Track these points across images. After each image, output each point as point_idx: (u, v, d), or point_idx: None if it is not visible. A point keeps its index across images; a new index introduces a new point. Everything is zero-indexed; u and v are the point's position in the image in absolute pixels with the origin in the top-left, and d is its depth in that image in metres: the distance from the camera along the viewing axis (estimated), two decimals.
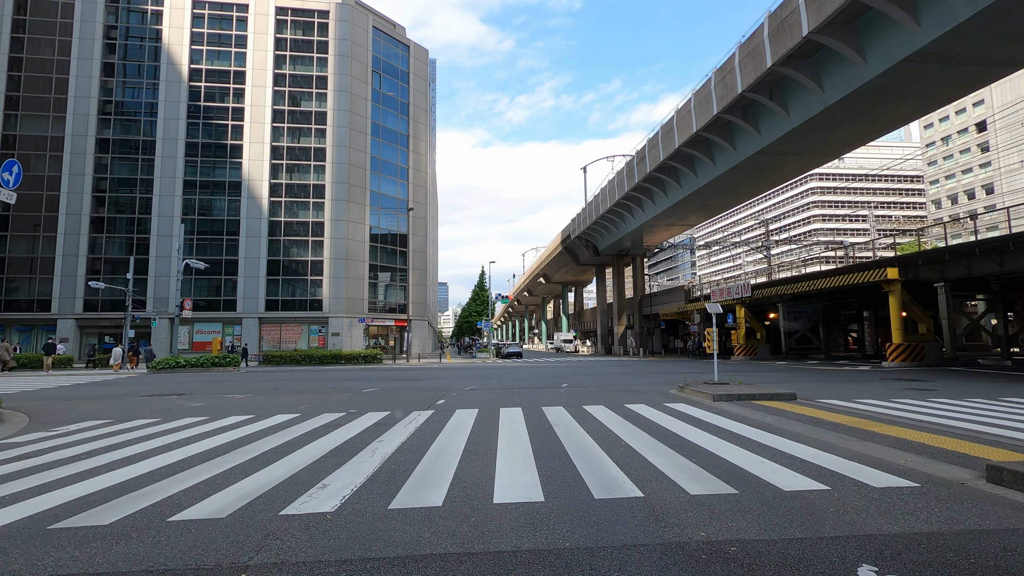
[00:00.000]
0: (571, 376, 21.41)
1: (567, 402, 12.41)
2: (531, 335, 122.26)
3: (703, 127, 29.42)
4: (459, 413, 10.74)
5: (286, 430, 8.88)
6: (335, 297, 45.76)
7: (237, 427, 9.41)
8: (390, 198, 51.31)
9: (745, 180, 33.13)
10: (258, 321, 45.12)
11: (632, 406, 11.49)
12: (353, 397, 14.21)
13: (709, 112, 28.34)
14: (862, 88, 21.31)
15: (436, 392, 15.38)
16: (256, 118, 46.53)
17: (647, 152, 36.91)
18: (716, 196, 36.95)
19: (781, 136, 26.22)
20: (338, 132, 47.08)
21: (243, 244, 45.44)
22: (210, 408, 12.28)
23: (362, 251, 47.80)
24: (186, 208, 45.40)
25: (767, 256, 62.01)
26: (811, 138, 26.49)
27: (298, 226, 46.60)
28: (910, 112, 24.01)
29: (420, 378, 21.87)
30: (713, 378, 15.06)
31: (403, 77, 53.73)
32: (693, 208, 40.42)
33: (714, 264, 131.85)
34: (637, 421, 9.42)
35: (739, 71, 25.29)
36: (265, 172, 46.17)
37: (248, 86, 46.76)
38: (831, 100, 22.60)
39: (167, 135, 45.35)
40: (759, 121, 27.26)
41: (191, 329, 44.65)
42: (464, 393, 14.99)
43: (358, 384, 18.79)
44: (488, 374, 23.87)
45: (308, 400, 13.58)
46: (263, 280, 45.44)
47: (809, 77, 22.69)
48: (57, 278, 43.07)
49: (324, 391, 16.17)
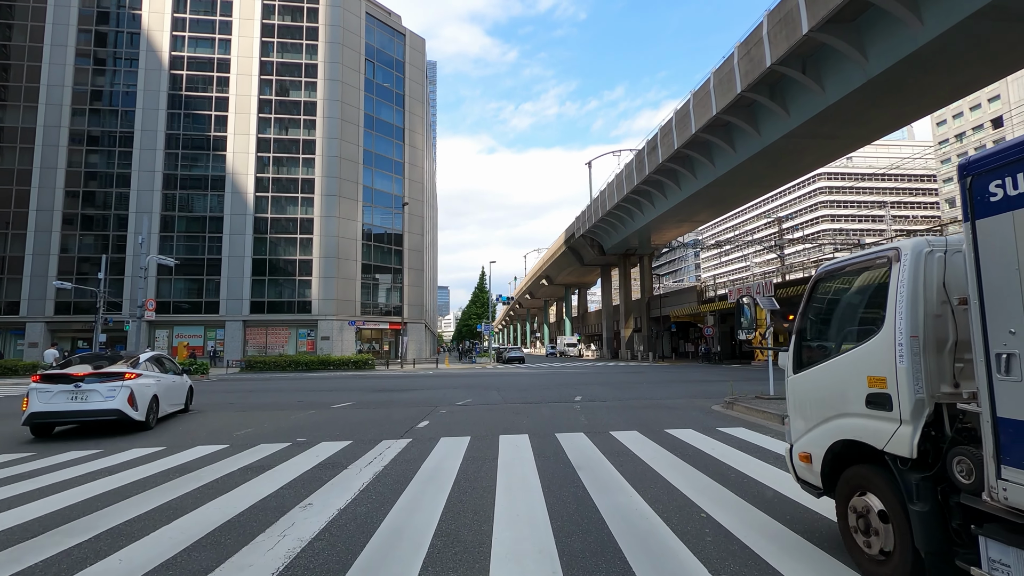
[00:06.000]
0: (583, 386, 18.56)
1: (588, 425, 9.57)
2: (533, 338, 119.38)
3: (723, 109, 26.64)
4: (443, 445, 7.90)
5: (181, 479, 6.04)
6: (325, 298, 42.92)
7: (118, 472, 6.57)
8: (384, 194, 48.50)
9: (767, 170, 30.37)
10: (242, 324, 42.26)
11: (676, 432, 8.65)
12: (316, 417, 11.37)
13: (731, 92, 25.57)
14: (913, 55, 18.54)
15: (421, 409, 12.54)
16: (241, 108, 43.77)
17: (659, 141, 34.14)
18: (734, 189, 34.16)
19: (813, 116, 23.46)
20: (329, 123, 44.32)
21: (227, 242, 42.63)
22: (114, 437, 9.45)
23: (354, 249, 44.97)
24: (166, 204, 42.60)
25: (780, 256, 59.15)
26: (847, 118, 23.72)
27: (286, 223, 43.79)
28: (964, 84, 21.24)
29: (409, 388, 19.03)
30: (768, 391, 12.19)
31: (398, 67, 51.02)
32: (706, 203, 37.65)
33: (719, 267, 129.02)
34: (696, 460, 6.58)
35: (768, 42, 22.51)
36: (251, 165, 43.40)
37: (233, 75, 44.02)
38: (875, 71, 19.83)
39: (146, 126, 42.58)
40: (788, 100, 24.50)
41: (170, 333, 41.82)
42: (455, 410, 12.15)
43: (333, 397, 15.94)
44: (487, 383, 21.04)
45: (257, 421, 10.74)
46: (248, 280, 42.61)
47: (851, 44, 19.90)
48: (26, 279, 40.25)
49: (286, 407, 13.33)
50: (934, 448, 3.04)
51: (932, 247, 3.19)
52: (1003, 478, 2.50)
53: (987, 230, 2.58)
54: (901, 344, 3.08)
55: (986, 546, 2.62)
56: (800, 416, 4.03)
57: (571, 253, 60.63)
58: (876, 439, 3.23)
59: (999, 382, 2.50)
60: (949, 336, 3.06)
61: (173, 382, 11.32)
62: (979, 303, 2.61)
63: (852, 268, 3.76)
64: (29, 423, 8.93)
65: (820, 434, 3.72)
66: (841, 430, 3.52)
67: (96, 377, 9.16)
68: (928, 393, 3.02)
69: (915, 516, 2.94)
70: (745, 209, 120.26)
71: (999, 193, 2.53)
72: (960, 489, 2.82)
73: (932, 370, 3.04)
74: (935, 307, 3.10)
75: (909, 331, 3.06)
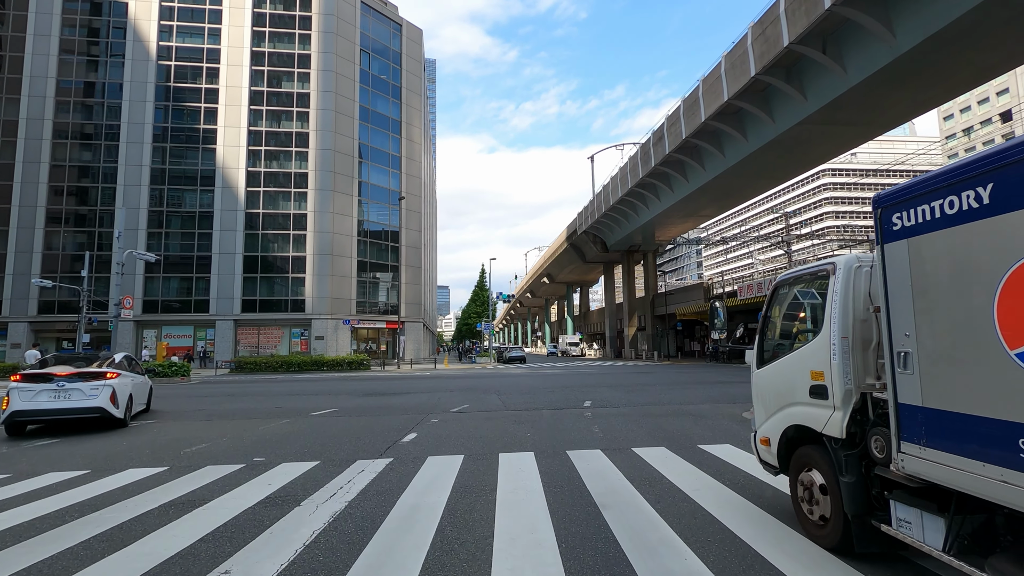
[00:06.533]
0: (591, 388, 17.07)
1: (604, 439, 8.08)
2: (534, 338, 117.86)
3: (735, 94, 25.18)
4: (429, 468, 6.42)
5: (75, 523, 4.54)
6: (319, 297, 41.43)
7: (10, 508, 5.08)
8: (381, 189, 47.00)
9: (779, 160, 28.95)
10: (233, 324, 40.78)
11: (712, 450, 7.17)
12: (289, 428, 9.90)
13: (744, 75, 24.11)
14: (946, 29, 17.06)
15: (411, 417, 11.07)
16: (232, 100, 42.24)
17: (666, 131, 32.65)
18: (743, 181, 32.69)
19: (832, 100, 22.04)
20: (322, 116, 42.80)
21: (217, 238, 41.12)
22: (40, 452, 7.99)
23: (349, 246, 43.46)
24: (154, 199, 41.07)
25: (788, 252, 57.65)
26: (869, 102, 22.29)
27: (278, 218, 42.27)
28: (998, 63, 19.75)
29: (401, 391, 17.56)
30: None
31: (395, 58, 49.47)
32: (714, 196, 36.19)
33: (721, 264, 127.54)
34: (755, 494, 5.09)
35: (785, 20, 21.03)
36: (242, 159, 41.88)
37: (223, 65, 42.50)
38: (904, 47, 18.35)
39: (133, 119, 41.07)
40: (806, 83, 23.04)
41: (158, 333, 40.36)
42: (449, 419, 10.68)
43: (316, 403, 14.47)
44: (486, 385, 19.56)
45: (218, 433, 9.27)
46: (239, 278, 41.10)
47: (876, 19, 18.42)
48: (9, 277, 38.75)
49: (259, 415, 11.86)
50: (860, 430, 3.53)
51: (860, 263, 3.71)
52: (902, 451, 3.03)
53: (890, 253, 3.13)
54: (835, 344, 3.61)
55: (895, 508, 3.15)
56: (762, 406, 4.56)
57: (573, 250, 59.20)
58: (817, 423, 3.76)
59: (899, 374, 3.03)
60: (873, 337, 3.55)
61: (142, 381, 11.89)
62: (886, 311, 3.14)
63: (801, 278, 4.27)
64: (8, 421, 9.05)
65: (776, 421, 4.25)
66: (792, 417, 4.06)
67: (79, 376, 9.42)
68: (855, 384, 3.54)
69: (844, 486, 3.44)
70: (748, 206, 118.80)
71: (899, 223, 3.08)
72: (876, 462, 3.32)
73: (859, 365, 3.56)
74: (862, 313, 3.61)
75: (840, 333, 3.59)
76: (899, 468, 3.02)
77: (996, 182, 2.49)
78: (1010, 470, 2.39)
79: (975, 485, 2.56)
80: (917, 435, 2.87)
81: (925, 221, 2.87)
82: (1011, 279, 2.41)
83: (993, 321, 2.49)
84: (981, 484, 2.54)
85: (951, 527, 2.78)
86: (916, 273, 2.93)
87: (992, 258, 2.52)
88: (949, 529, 2.78)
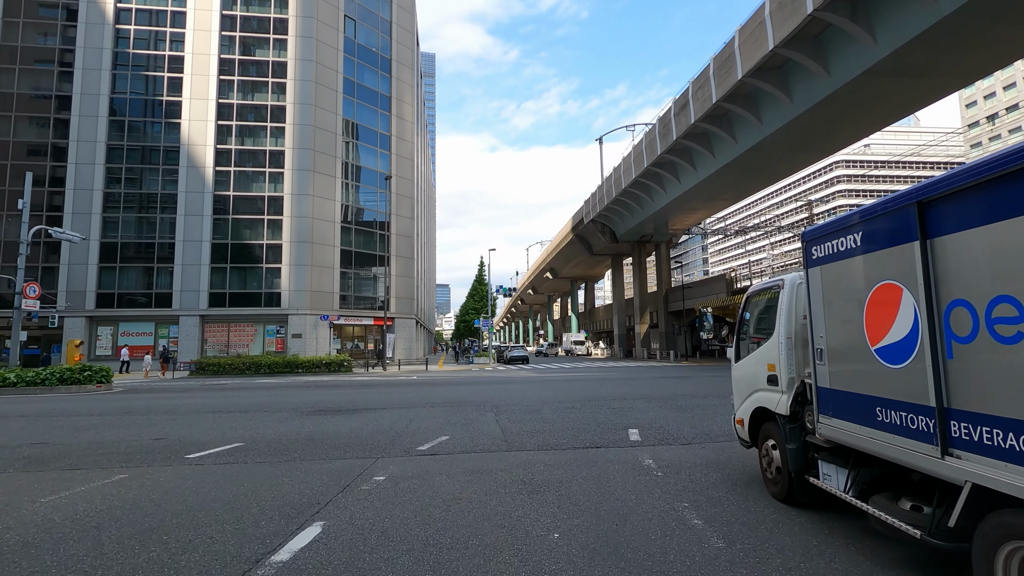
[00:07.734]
0: (624, 404, 12.55)
1: (732, 556, 3.58)
2: (536, 336, 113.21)
3: (782, 42, 20.65)
4: None
5: None
6: (296, 290, 36.91)
7: None
8: (368, 171, 42.43)
9: (829, 123, 24.43)
10: (199, 320, 36.24)
11: None
12: (106, 492, 5.40)
13: (800, 12, 19.59)
14: None
15: (343, 468, 6.57)
16: (199, 69, 37.66)
17: (691, 97, 28.12)
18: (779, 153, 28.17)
19: (910, 40, 17.55)
20: (301, 87, 38.24)
21: (181, 224, 36.55)
22: None
23: (331, 233, 38.92)
24: (110, 179, 36.45)
25: None
26: (951, 43, 17.76)
27: (251, 202, 37.69)
28: None
29: (365, 406, 13.07)
30: None
31: (384, 27, 44.87)
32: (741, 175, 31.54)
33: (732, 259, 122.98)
34: None
35: None
36: (210, 135, 37.30)
37: (189, 30, 37.87)
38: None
39: (87, 89, 36.48)
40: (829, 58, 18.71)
41: (114, 330, 35.82)
42: (406, 475, 6.17)
43: (227, 428, 9.96)
44: (481, 395, 15.09)
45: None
46: (206, 268, 36.55)
47: None
48: None
49: (109, 454, 7.36)
50: (800, 408, 4.78)
51: (802, 280, 4.67)
52: (820, 422, 4.26)
53: (811, 276, 4.39)
54: (782, 343, 4.96)
55: (821, 466, 4.39)
56: (738, 393, 5.84)
57: (579, 241, 54.75)
58: (771, 405, 5.08)
59: (817, 365, 4.28)
60: (808, 338, 4.56)
61: None
62: (810, 318, 4.43)
63: (763, 291, 5.60)
64: None
65: (747, 405, 5.55)
66: (757, 400, 5.37)
67: None
68: (796, 373, 4.84)
69: (788, 452, 4.70)
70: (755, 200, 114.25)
71: (816, 254, 4.33)
72: (808, 432, 4.60)
73: (799, 359, 4.84)
74: (801, 319, 4.82)
75: (786, 334, 4.92)
76: (819, 434, 4.30)
77: (863, 232, 3.77)
78: (870, 428, 3.64)
79: (857, 442, 3.79)
80: (827, 409, 4.16)
81: (829, 254, 4.15)
82: (872, 297, 3.66)
83: (863, 326, 3.75)
84: (859, 440, 3.77)
85: (850, 475, 4.02)
86: (825, 291, 4.26)
87: (863, 283, 3.79)
88: (848, 476, 4.03)
